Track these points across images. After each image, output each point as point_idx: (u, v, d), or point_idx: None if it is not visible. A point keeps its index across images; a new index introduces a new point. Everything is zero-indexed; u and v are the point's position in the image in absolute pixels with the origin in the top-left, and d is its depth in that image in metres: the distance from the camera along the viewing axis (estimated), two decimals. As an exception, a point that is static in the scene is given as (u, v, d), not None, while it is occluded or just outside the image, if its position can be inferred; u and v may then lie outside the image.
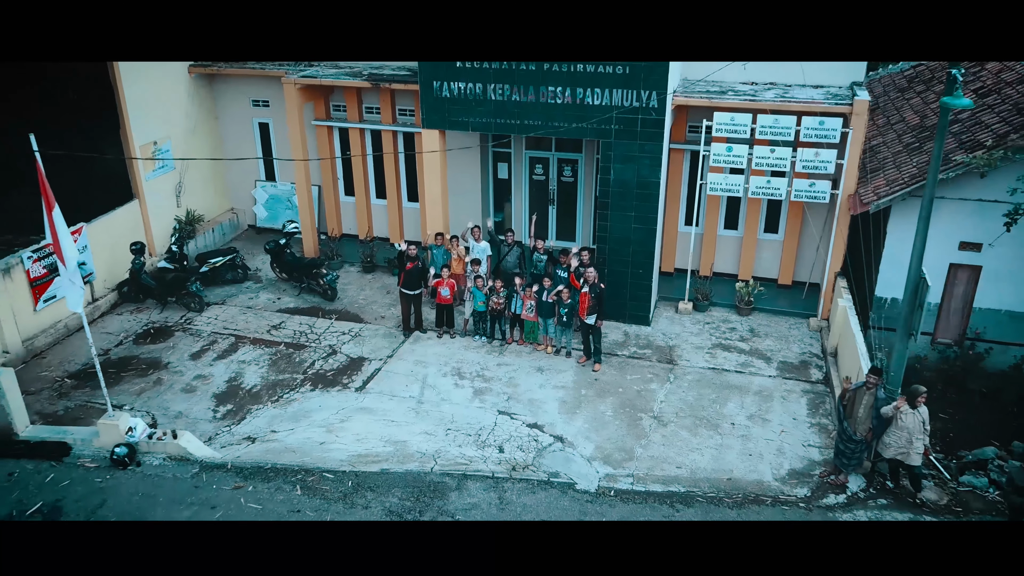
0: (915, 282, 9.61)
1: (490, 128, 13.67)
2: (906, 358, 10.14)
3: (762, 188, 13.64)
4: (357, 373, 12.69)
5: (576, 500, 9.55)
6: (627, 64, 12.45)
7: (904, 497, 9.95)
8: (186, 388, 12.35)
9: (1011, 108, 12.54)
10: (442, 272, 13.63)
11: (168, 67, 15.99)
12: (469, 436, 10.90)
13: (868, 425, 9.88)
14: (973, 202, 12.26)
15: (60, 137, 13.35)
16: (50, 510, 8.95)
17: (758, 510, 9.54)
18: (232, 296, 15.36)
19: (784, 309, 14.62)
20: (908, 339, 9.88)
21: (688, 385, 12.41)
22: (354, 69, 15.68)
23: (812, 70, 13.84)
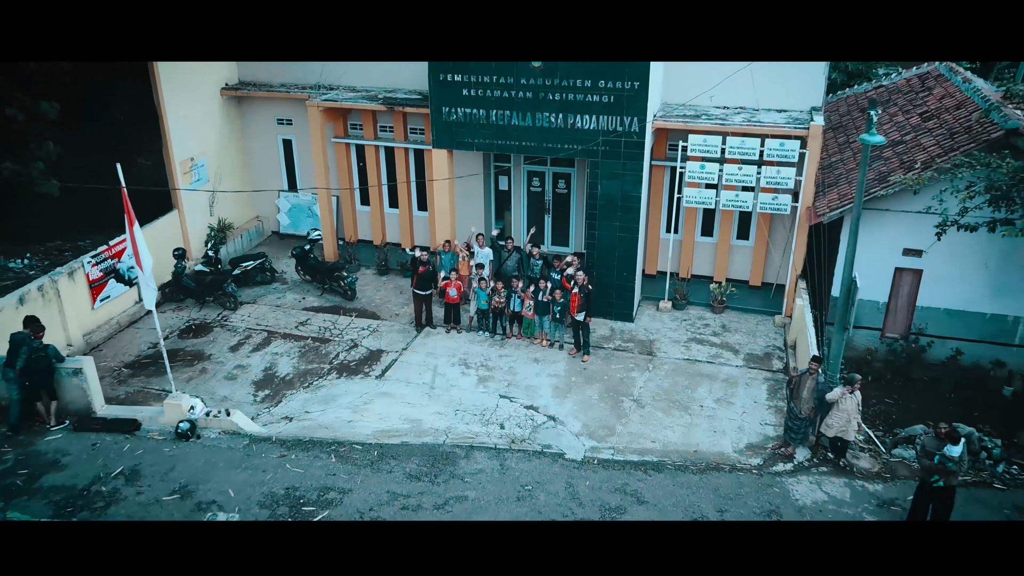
0: (847, 284, 11.47)
1: (492, 148, 15.54)
2: (842, 348, 12.02)
3: (732, 201, 15.50)
4: (376, 363, 14.55)
5: (565, 467, 11.41)
6: (611, 92, 14.30)
7: (841, 466, 11.79)
8: (228, 376, 14.21)
9: (946, 132, 14.40)
10: (450, 275, 15.50)
11: (203, 90, 17.83)
12: (475, 416, 12.77)
13: (811, 405, 11.73)
14: (913, 214, 14.09)
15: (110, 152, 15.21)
16: (130, 473, 10.82)
17: (717, 476, 11.39)
18: (262, 296, 17.21)
19: (753, 308, 16.48)
20: (843, 332, 11.74)
21: (665, 373, 14.27)
22: (370, 93, 17.53)
23: (777, 95, 15.67)
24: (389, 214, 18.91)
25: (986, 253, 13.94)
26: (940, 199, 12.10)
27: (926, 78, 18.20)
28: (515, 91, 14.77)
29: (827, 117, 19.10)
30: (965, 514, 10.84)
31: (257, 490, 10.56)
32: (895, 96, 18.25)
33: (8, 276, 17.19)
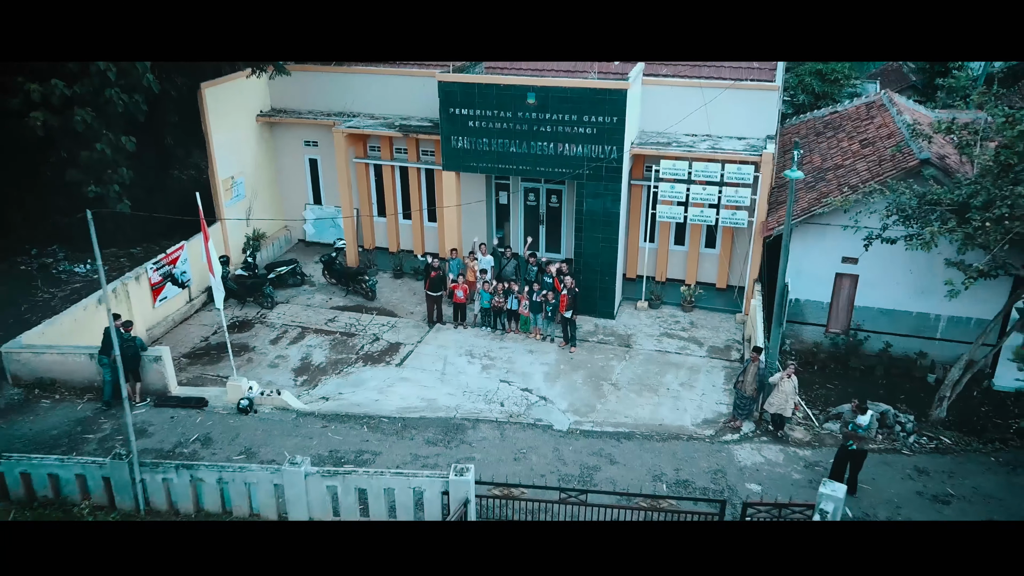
0: (781, 288, 14.14)
1: (493, 171, 18.20)
2: (779, 341, 14.68)
3: (698, 216, 18.15)
4: (396, 354, 17.22)
5: (553, 436, 14.07)
6: (594, 125, 16.96)
7: (778, 437, 14.44)
8: (271, 364, 16.87)
9: (876, 159, 17.06)
10: (458, 279, 18.16)
11: (241, 117, 20.45)
12: (480, 396, 15.43)
13: (754, 387, 14.39)
14: (849, 228, 16.74)
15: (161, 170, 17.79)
16: (204, 439, 13.47)
17: (676, 443, 14.04)
18: (294, 297, 19.86)
19: (718, 307, 19.13)
20: (779, 327, 14.41)
21: (639, 362, 16.93)
22: (388, 120, 20.16)
23: (737, 124, 18.30)
24: (403, 224, 21.54)
25: (910, 261, 16.54)
26: (855, 220, 14.74)
27: (871, 107, 20.85)
28: (513, 123, 17.42)
29: (787, 139, 21.77)
30: (877, 474, 13.51)
31: (306, 452, 13.20)
32: (845, 122, 20.90)
33: (75, 279, 19.89)
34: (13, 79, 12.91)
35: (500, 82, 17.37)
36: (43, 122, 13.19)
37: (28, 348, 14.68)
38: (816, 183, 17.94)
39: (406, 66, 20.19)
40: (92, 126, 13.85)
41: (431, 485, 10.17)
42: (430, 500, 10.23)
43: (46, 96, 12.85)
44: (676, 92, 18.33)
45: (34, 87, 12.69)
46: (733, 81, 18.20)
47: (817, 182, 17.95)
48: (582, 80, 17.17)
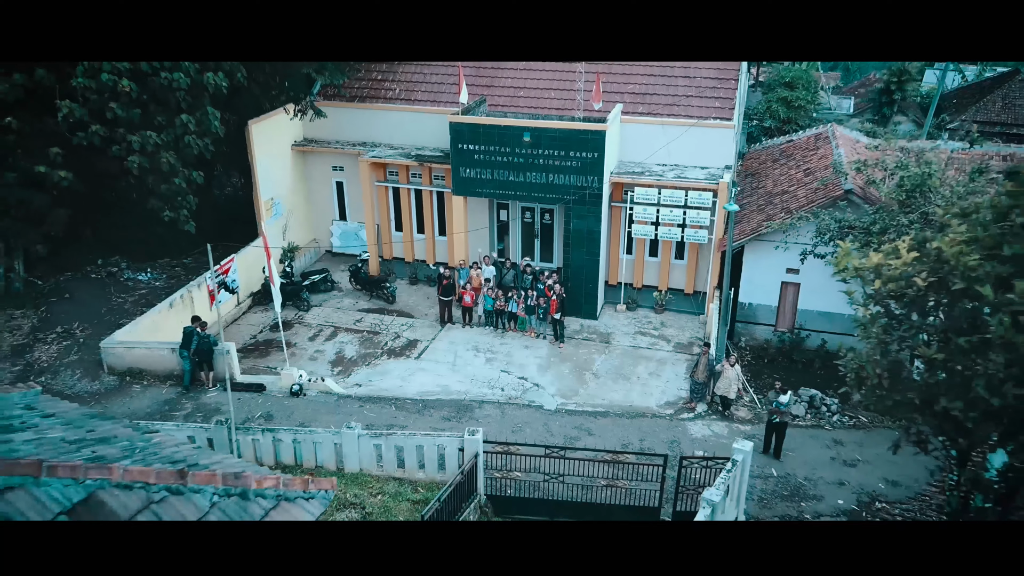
0: (726, 297, 17.62)
1: (495, 195, 21.70)
2: (724, 337, 18.17)
3: (666, 234, 21.61)
4: (414, 348, 20.70)
5: (543, 414, 17.55)
6: (578, 159, 20.43)
7: (725, 416, 17.91)
8: (311, 357, 20.35)
9: (813, 188, 20.53)
10: (465, 286, 21.64)
11: (280, 146, 23.92)
12: (484, 383, 18.92)
13: (705, 374, 17.87)
14: (792, 244, 20.21)
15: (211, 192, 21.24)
16: (266, 416, 16.95)
17: (643, 420, 17.52)
18: (325, 301, 23.35)
19: (685, 309, 22.61)
20: (724, 326, 17.88)
21: (616, 356, 20.42)
22: (405, 150, 23.64)
23: (700, 155, 21.76)
24: (417, 238, 25.02)
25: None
26: (785, 241, 18.23)
27: (819, 138, 24.32)
28: (511, 157, 20.91)
29: (750, 164, 25.27)
30: (801, 444, 16.98)
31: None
32: (796, 151, 24.38)
33: (140, 286, 23.41)
34: (114, 131, 16.35)
35: (501, 123, 20.87)
36: (139, 164, 16.65)
37: (121, 343, 18.18)
38: (766, 206, 21.42)
39: (420, 104, 23.67)
40: (173, 166, 17.32)
41: (451, 443, 13.64)
42: (450, 455, 13.69)
43: (143, 144, 16.31)
44: (649, 129, 21.82)
45: (134, 138, 16.15)
46: (697, 119, 21.68)
47: (767, 205, 21.44)
48: (569, 123, 20.67)
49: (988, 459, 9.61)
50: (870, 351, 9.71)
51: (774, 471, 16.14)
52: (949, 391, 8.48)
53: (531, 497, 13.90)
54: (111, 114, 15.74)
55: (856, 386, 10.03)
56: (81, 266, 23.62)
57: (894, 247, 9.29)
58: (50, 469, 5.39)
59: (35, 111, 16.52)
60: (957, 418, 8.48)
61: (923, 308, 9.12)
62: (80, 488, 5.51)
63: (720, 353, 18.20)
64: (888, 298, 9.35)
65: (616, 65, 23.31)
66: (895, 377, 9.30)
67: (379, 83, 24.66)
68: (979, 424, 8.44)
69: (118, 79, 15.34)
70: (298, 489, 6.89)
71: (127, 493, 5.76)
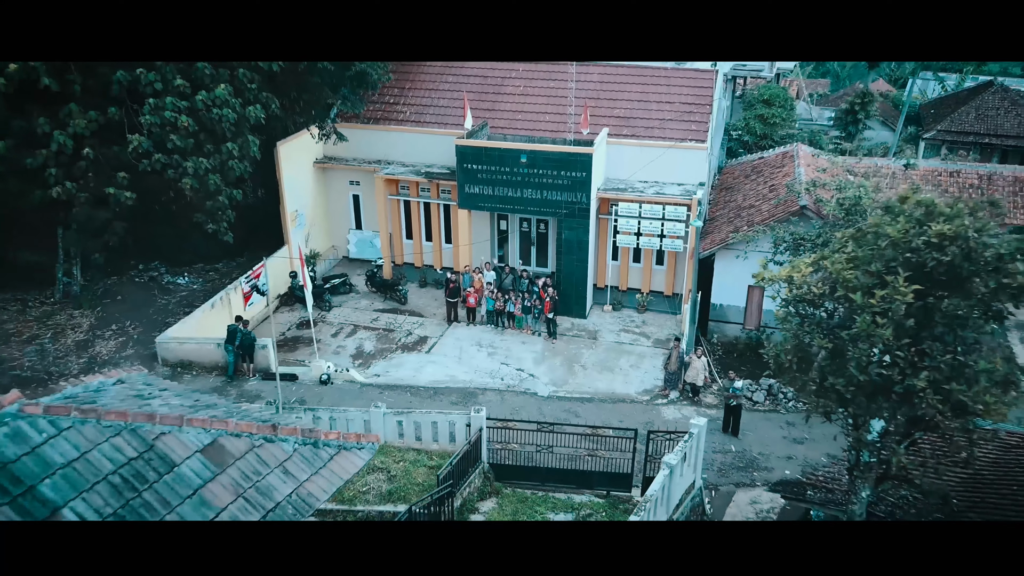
0: (694, 296, 20.49)
1: (496, 209, 24.59)
2: (693, 333, 21.03)
3: (647, 243, 24.47)
4: (425, 344, 23.57)
5: (537, 400, 20.42)
6: (568, 178, 23.29)
7: (694, 401, 20.77)
8: (334, 351, 23.21)
9: (774, 206, 23.38)
10: (469, 288, 24.50)
11: (303, 164, 26.76)
12: (486, 373, 21.79)
13: (677, 365, 20.74)
14: (756, 252, 23.03)
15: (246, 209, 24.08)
16: (300, 400, 19.81)
17: (623, 405, 20.38)
18: (345, 302, 26.22)
19: (664, 310, 25.48)
20: (692, 324, 20.75)
21: (602, 350, 23.29)
22: (415, 167, 26.50)
23: (677, 172, 24.61)
24: (426, 246, 27.89)
25: (798, 277, 22.84)
26: (744, 252, 21.08)
27: (785, 156, 27.16)
28: (510, 175, 23.78)
29: (726, 178, 28.14)
30: (759, 426, 19.87)
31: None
32: (765, 168, 27.24)
33: (180, 289, 26.29)
34: (171, 157, 19.20)
35: (501, 146, 23.75)
36: (191, 186, 19.52)
37: (173, 339, 21.07)
38: (735, 218, 24.29)
39: (429, 126, 26.54)
40: (219, 186, 20.19)
41: (459, 420, 16.50)
42: (459, 429, 16.52)
43: (195, 168, 19.16)
44: (632, 150, 24.70)
45: (188, 164, 19.00)
46: (675, 141, 24.56)
47: (735, 217, 24.30)
48: (560, 146, 23.55)
49: (870, 424, 12.40)
50: (784, 342, 12.54)
51: (732, 447, 19.05)
52: (834, 371, 11.31)
53: (525, 465, 16.78)
54: (171, 144, 18.60)
55: (776, 370, 12.87)
56: (125, 271, 26.52)
57: (797, 263, 12.15)
58: (188, 421, 8.24)
59: (105, 141, 19.37)
60: (840, 392, 11.33)
61: (819, 309, 11.95)
62: (207, 434, 8.35)
63: (689, 347, 21.08)
64: (796, 301, 12.19)
65: (603, 91, 26.19)
66: (802, 362, 12.12)
67: (391, 106, 27.52)
68: (854, 396, 11.28)
69: (178, 115, 18.22)
70: (353, 441, 9.72)
71: (237, 439, 8.59)
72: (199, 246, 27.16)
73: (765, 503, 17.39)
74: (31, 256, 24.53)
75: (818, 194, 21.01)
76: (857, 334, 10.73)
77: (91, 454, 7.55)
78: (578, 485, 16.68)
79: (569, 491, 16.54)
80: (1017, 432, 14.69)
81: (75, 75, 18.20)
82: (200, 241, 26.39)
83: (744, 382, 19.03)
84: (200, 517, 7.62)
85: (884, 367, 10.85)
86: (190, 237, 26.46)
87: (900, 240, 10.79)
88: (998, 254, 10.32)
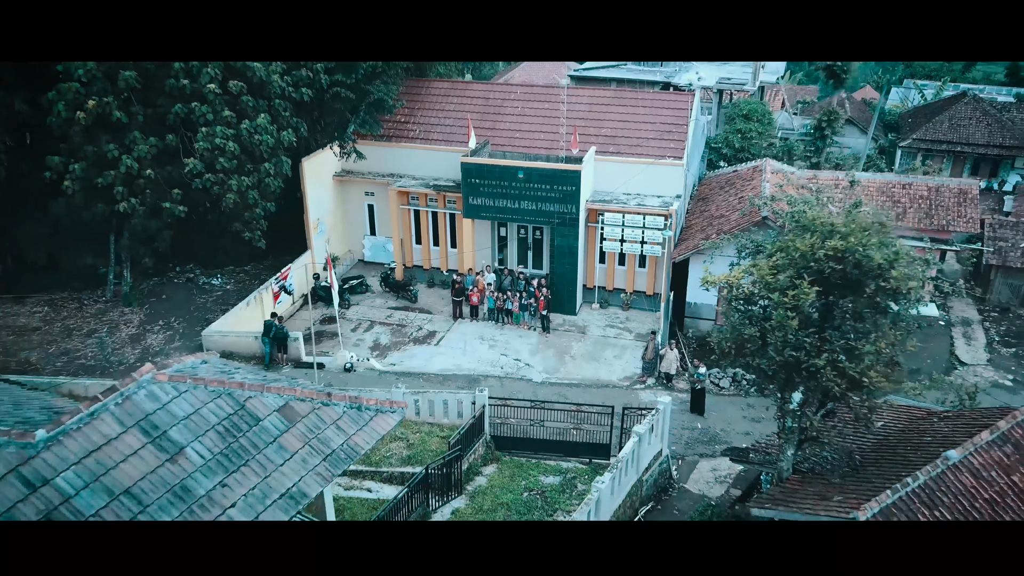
0: (667, 296, 23.73)
1: (496, 218, 27.83)
2: (667, 327, 24.23)
3: (630, 249, 27.65)
4: (433, 338, 26.79)
5: (532, 385, 23.64)
6: (560, 191, 26.50)
7: (668, 386, 23.98)
8: (354, 344, 26.42)
9: (741, 217, 26.56)
10: (472, 288, 27.74)
11: (324, 178, 29.96)
12: (488, 363, 25.02)
13: (652, 355, 23.96)
14: (722, 257, 26.17)
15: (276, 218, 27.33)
16: (328, 385, 22.99)
17: (607, 389, 23.58)
18: (362, 301, 29.43)
19: (646, 307, 28.69)
20: (667, 320, 23.96)
21: (590, 343, 26.51)
22: (424, 180, 29.70)
23: (657, 185, 27.81)
24: (433, 250, 31.10)
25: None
26: (710, 257, 24.27)
27: (755, 170, 30.34)
28: (509, 189, 27.00)
29: (705, 189, 31.36)
30: (723, 407, 23.10)
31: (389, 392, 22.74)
32: (737, 181, 30.43)
33: (215, 289, 29.51)
34: (218, 175, 22.41)
35: (501, 163, 26.97)
36: (233, 201, 22.76)
37: (216, 332, 24.29)
38: (707, 227, 27.50)
39: (436, 144, 29.75)
40: (256, 200, 23.43)
41: (466, 398, 19.72)
42: (465, 407, 19.73)
43: (238, 186, 22.41)
44: (617, 166, 27.89)
45: (233, 182, 22.23)
46: (655, 159, 27.76)
47: (708, 226, 27.51)
48: (553, 164, 26.77)
49: (791, 397, 15.55)
50: (726, 331, 15.75)
51: (698, 424, 22.28)
52: (759, 354, 14.51)
53: (521, 437, 20.00)
54: (219, 165, 21.83)
55: (720, 355, 16.09)
56: (165, 272, 29.76)
57: (735, 270, 15.37)
58: (267, 388, 11.41)
59: (162, 163, 22.59)
60: (765, 370, 14.55)
61: (751, 304, 15.16)
62: (281, 398, 11.51)
63: (664, 340, 24.31)
64: (734, 299, 15.40)
65: (592, 113, 29.39)
66: (738, 348, 15.32)
67: (403, 125, 30.72)
68: (775, 373, 14.49)
69: (226, 141, 21.44)
70: (387, 406, 12.89)
71: (303, 403, 11.75)
72: (230, 250, 30.37)
73: (724, 470, 20.61)
74: (85, 260, 27.72)
75: (775, 207, 24.18)
76: (775, 325, 13.95)
77: (202, 410, 10.78)
78: (565, 454, 19.89)
79: (558, 459, 19.75)
80: (923, 407, 17.95)
81: (138, 107, 21.42)
82: (231, 245, 29.61)
83: (706, 369, 22.25)
84: (280, 459, 10.73)
85: (795, 350, 14.07)
86: (221, 242, 29.68)
87: (807, 252, 14.03)
88: (879, 264, 13.53)
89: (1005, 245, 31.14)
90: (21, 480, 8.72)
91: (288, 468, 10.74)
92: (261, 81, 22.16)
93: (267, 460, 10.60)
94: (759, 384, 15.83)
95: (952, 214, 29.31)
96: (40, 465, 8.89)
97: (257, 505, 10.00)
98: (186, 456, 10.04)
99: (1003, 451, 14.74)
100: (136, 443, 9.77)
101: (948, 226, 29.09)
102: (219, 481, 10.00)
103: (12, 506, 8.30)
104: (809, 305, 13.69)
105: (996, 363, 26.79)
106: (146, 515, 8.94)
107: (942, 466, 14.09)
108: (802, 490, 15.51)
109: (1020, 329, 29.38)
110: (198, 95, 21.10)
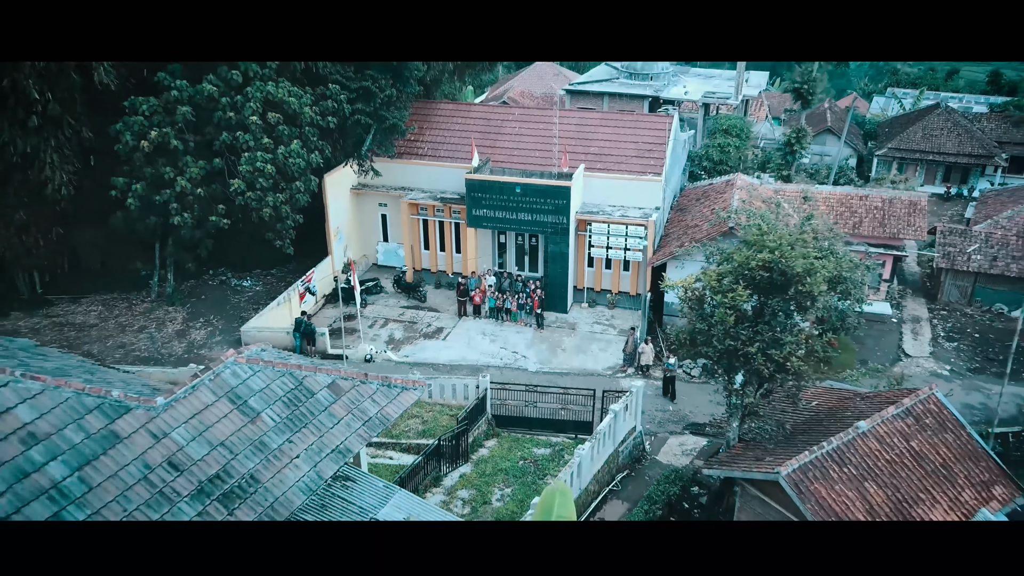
0: (644, 299, 27.33)
1: (497, 227, 31.50)
2: (645, 324, 27.87)
3: (615, 255, 31.26)
4: (441, 333, 30.42)
5: (527, 374, 27.25)
6: (552, 204, 30.10)
7: (645, 375, 27.58)
8: (371, 339, 30.03)
9: (711, 227, 30.15)
10: (475, 290, 31.37)
11: (343, 190, 33.55)
12: (489, 355, 28.64)
13: (632, 349, 27.58)
14: (692, 262, 29.76)
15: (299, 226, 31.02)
16: (351, 374, 26.60)
17: (592, 377, 27.19)
18: (377, 300, 33.06)
19: (630, 306, 32.30)
20: (645, 318, 27.60)
21: (579, 338, 30.14)
22: (432, 193, 33.31)
23: (638, 198, 31.40)
24: (440, 255, 34.72)
25: (730, 281, 29.64)
26: (681, 263, 27.87)
27: (729, 184, 33.90)
28: (508, 202, 30.62)
29: (684, 200, 34.99)
30: (693, 393, 26.72)
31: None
32: (712, 193, 34.01)
33: (247, 291, 33.15)
34: (256, 192, 26.02)
35: (500, 179, 30.61)
36: (269, 215, 26.37)
37: (253, 328, 27.93)
38: (683, 235, 31.11)
39: (443, 160, 33.37)
40: (288, 213, 27.05)
41: (471, 383, 23.35)
42: (471, 390, 23.35)
43: (274, 201, 26.04)
44: (603, 181, 31.50)
45: (268, 198, 25.85)
46: (637, 174, 31.36)
47: (683, 235, 31.12)
48: (547, 180, 30.39)
49: (735, 378, 19.17)
50: (682, 327, 19.38)
51: (670, 407, 25.92)
52: (706, 343, 18.16)
53: (517, 416, 23.63)
54: (258, 184, 25.46)
55: (677, 346, 19.74)
56: (201, 275, 33.37)
57: (689, 276, 19.01)
58: (318, 369, 15.01)
59: (209, 183, 26.22)
60: (711, 356, 18.21)
61: (702, 304, 18.78)
62: (329, 377, 15.10)
63: (642, 335, 27.94)
64: (688, 299, 19.03)
65: (581, 133, 33.00)
66: (691, 340, 18.95)
67: (413, 143, 34.33)
68: (719, 359, 18.13)
69: (266, 164, 25.06)
70: (411, 384, 16.45)
71: (345, 381, 15.32)
72: (259, 255, 33.96)
73: (690, 445, 24.23)
74: (135, 265, 31.34)
75: (738, 219, 27.77)
76: (717, 320, 17.59)
77: (271, 385, 14.35)
78: (555, 430, 23.52)
79: (548, 434, 23.37)
80: (852, 389, 21.60)
81: (190, 136, 25.06)
82: (259, 251, 33.21)
83: (676, 360, 25.90)
84: (330, 423, 14.27)
85: (733, 340, 17.70)
86: (251, 248, 33.29)
87: (743, 262, 17.66)
88: (797, 272, 17.15)
89: (954, 250, 34.68)
90: (149, 433, 12.27)
91: (336, 430, 14.13)
92: (295, 112, 25.80)
93: (320, 424, 13.99)
94: (709, 369, 19.48)
95: (903, 223, 32.87)
96: (160, 423, 12.38)
97: (315, 456, 13.50)
98: (262, 419, 13.51)
99: (905, 422, 18.42)
100: (226, 409, 13.22)
101: (899, 234, 32.67)
102: (286, 438, 13.43)
103: (143, 452, 11.78)
104: (744, 304, 17.33)
105: (938, 355, 30.40)
106: (237, 462, 12.42)
107: (853, 433, 17.74)
108: (743, 454, 19.15)
109: (964, 326, 32.97)
110: (241, 125, 24.71)
